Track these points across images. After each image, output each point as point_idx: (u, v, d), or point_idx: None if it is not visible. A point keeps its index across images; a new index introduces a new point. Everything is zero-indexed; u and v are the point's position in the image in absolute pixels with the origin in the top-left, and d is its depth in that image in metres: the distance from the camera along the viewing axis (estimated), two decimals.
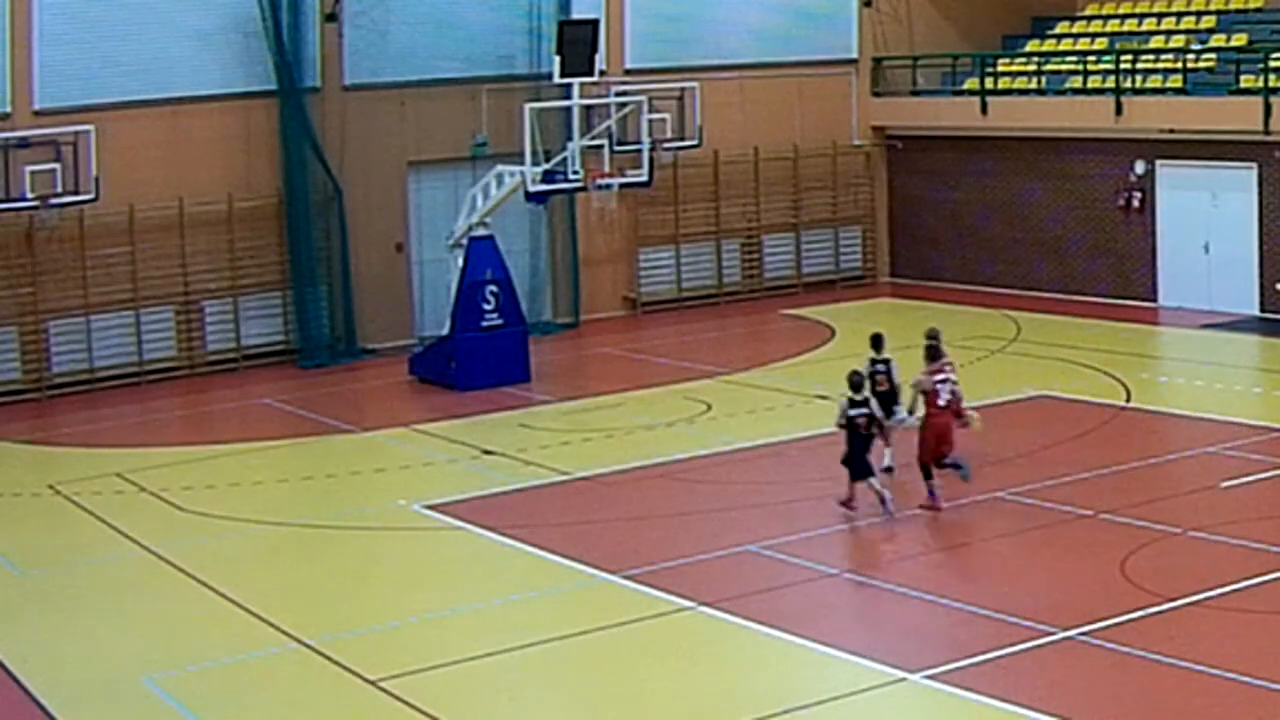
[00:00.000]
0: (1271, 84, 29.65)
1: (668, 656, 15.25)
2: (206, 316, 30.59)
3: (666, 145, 32.72)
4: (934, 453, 18.87)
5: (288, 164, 30.92)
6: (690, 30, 35.45)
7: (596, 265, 34.64)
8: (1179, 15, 34.98)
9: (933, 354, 19.37)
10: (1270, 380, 25.58)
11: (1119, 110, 32.24)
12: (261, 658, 15.54)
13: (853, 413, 18.54)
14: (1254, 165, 30.56)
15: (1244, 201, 30.75)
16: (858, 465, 18.68)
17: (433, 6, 32.37)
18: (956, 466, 18.88)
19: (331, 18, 31.16)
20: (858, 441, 18.60)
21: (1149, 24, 35.26)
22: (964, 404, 19.17)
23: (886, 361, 20.42)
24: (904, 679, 14.09)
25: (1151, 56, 33.05)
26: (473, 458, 23.14)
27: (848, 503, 18.88)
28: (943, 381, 18.89)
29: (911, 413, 19.49)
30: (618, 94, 30.03)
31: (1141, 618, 15.13)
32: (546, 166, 27.51)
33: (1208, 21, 34.12)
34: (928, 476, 18.87)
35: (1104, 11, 36.79)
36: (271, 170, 31.00)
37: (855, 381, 18.78)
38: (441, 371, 28.19)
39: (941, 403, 18.86)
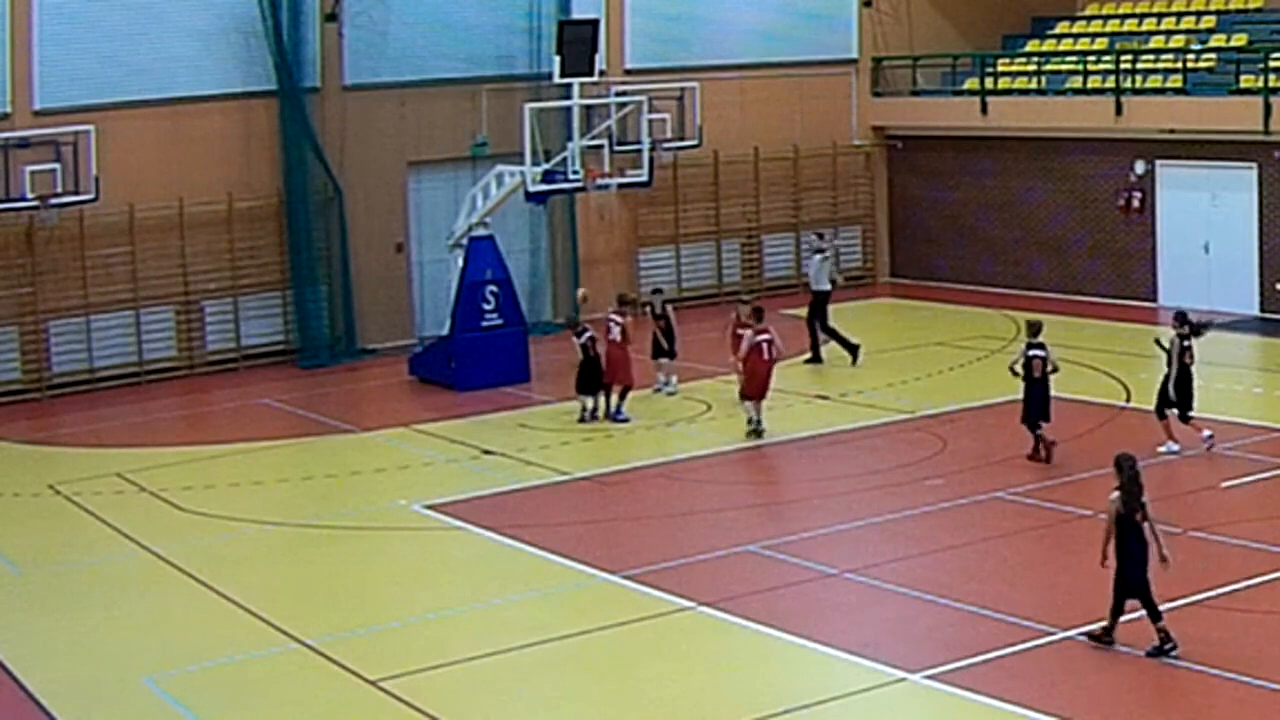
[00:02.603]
0: (1271, 84, 29.66)
1: (668, 656, 15.26)
2: (206, 316, 30.59)
3: (666, 145, 32.72)
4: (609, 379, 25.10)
5: (288, 164, 30.92)
6: (690, 30, 35.46)
7: (596, 265, 34.64)
8: (1179, 15, 35.00)
9: (619, 302, 25.76)
10: (1270, 380, 25.59)
11: (1119, 110, 32.25)
12: (261, 658, 15.54)
13: (581, 340, 24.83)
14: (1254, 165, 30.57)
15: (1244, 201, 30.76)
16: (593, 385, 24.86)
17: (433, 6, 32.37)
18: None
19: (331, 17, 31.17)
20: (589, 364, 24.86)
21: (1149, 24, 35.27)
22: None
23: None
24: (904, 679, 14.10)
25: (1151, 56, 33.06)
26: (472, 458, 23.14)
27: (593, 415, 24.86)
28: (616, 324, 24.93)
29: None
30: (618, 94, 30.05)
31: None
32: (546, 166, 27.51)
33: (1208, 21, 34.13)
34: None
35: (1104, 11, 36.80)
36: (271, 170, 31.00)
37: (572, 320, 25.93)
38: (441, 371, 28.19)
39: (614, 336, 24.87)
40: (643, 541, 18.81)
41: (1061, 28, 37.19)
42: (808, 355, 28.29)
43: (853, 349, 28.09)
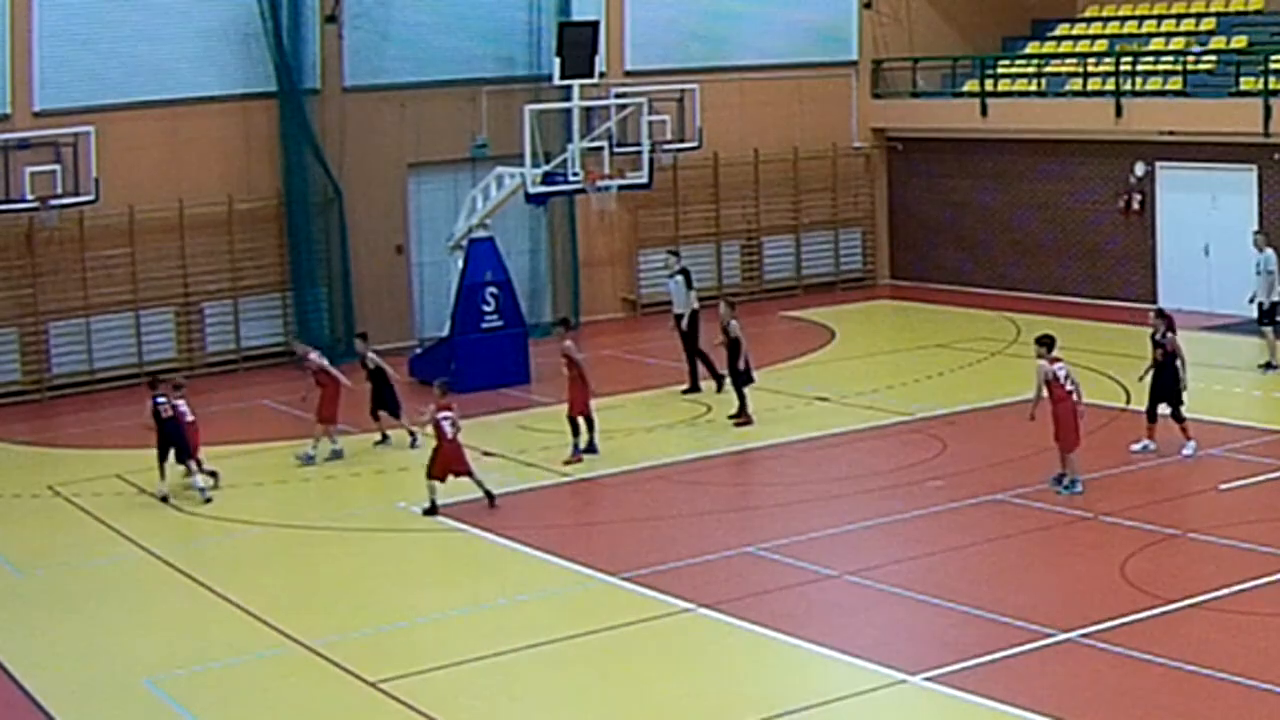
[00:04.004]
0: (1271, 86, 29.67)
1: (667, 658, 15.26)
2: (206, 318, 30.61)
3: (666, 147, 32.73)
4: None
5: (288, 166, 30.94)
6: (690, 32, 35.46)
7: (596, 267, 34.64)
8: (1179, 17, 35.01)
9: (443, 390, 20.85)
10: (1269, 383, 25.58)
11: (1119, 112, 32.25)
12: (261, 659, 15.55)
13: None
14: (1254, 167, 30.57)
15: (1244, 204, 30.74)
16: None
17: (433, 7, 32.38)
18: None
19: (331, 19, 31.17)
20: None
21: (1149, 26, 35.27)
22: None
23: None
24: (904, 681, 14.09)
25: (1151, 58, 33.06)
26: (473, 459, 23.09)
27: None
28: (446, 418, 20.29)
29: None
30: (617, 96, 30.07)
31: (1141, 619, 15.14)
32: (546, 168, 27.52)
33: (1207, 24, 34.15)
34: None
35: (1104, 13, 36.80)
36: (271, 172, 31.01)
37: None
38: (441, 373, 28.12)
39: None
40: (642, 543, 18.80)
41: (1061, 29, 37.19)
42: (686, 385, 26.51)
43: (719, 377, 26.05)
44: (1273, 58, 29.82)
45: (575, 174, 27.53)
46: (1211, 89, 31.43)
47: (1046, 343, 19.65)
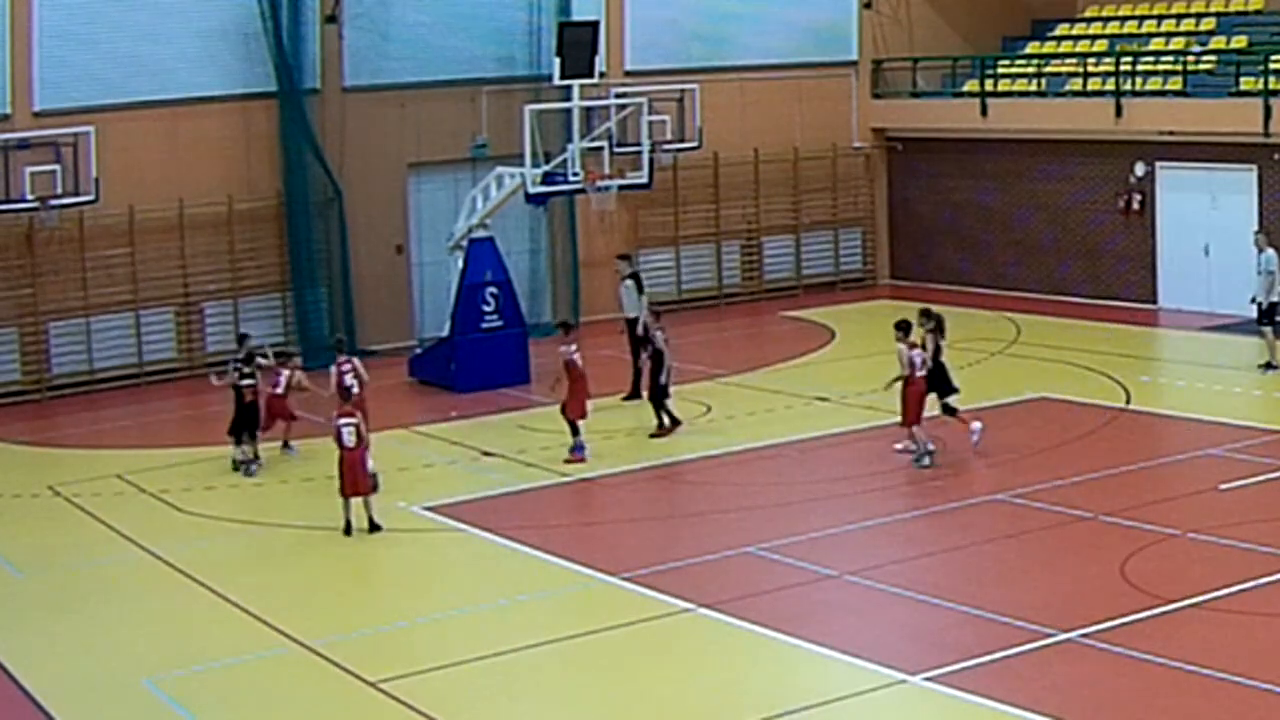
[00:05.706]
0: (1271, 86, 29.66)
1: (667, 658, 15.26)
2: (206, 318, 30.60)
3: (666, 147, 32.73)
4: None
5: (288, 165, 30.94)
6: (690, 32, 35.47)
7: (596, 267, 34.62)
8: (1179, 17, 35.01)
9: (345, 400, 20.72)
10: (1269, 383, 25.58)
11: (1119, 112, 32.25)
12: (261, 659, 15.54)
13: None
14: (1254, 167, 30.57)
15: (1244, 204, 30.74)
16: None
17: (433, 7, 32.38)
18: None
19: (331, 19, 31.17)
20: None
21: (1149, 26, 35.27)
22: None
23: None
24: (903, 681, 14.09)
25: (1151, 58, 33.07)
26: (472, 459, 23.14)
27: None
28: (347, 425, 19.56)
29: None
30: (617, 95, 30.07)
31: (1141, 620, 15.14)
32: (546, 168, 27.53)
33: (1207, 23, 34.14)
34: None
35: (1104, 13, 36.80)
36: (272, 172, 31.01)
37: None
38: (441, 373, 28.19)
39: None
40: (642, 543, 18.81)
41: (1061, 29, 37.18)
42: (626, 393, 26.14)
43: (638, 393, 25.82)
44: (1273, 58, 29.82)
45: (575, 174, 27.52)
46: (1211, 89, 31.43)
47: (904, 327, 21.55)
